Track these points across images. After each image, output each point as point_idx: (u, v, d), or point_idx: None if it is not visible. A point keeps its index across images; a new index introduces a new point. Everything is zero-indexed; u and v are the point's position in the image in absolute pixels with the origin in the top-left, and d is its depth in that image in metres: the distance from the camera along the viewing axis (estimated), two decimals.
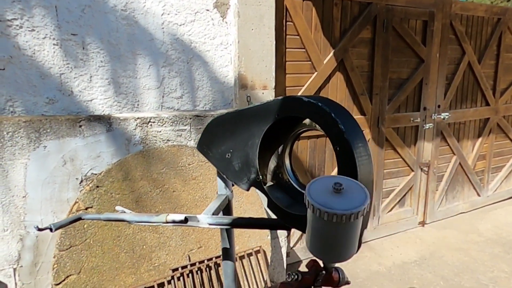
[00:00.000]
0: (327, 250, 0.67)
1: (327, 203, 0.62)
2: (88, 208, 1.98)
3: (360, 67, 3.32)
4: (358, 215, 0.61)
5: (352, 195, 0.65)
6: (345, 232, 0.63)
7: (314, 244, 0.68)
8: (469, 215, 4.39)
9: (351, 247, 0.66)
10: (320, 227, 0.65)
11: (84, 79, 2.21)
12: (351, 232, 0.64)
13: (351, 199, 0.63)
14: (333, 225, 0.62)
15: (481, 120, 4.34)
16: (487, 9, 4.10)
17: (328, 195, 0.64)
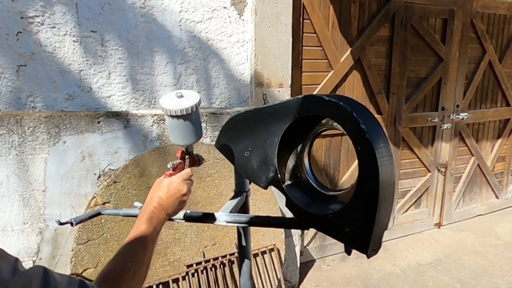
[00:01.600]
0: (179, 137, 0.98)
1: (172, 105, 0.93)
2: (105, 203, 2.01)
3: (378, 66, 3.28)
4: (187, 110, 0.92)
5: (189, 98, 0.94)
6: (186, 122, 0.95)
7: (172, 137, 0.99)
8: (487, 217, 4.30)
9: (194, 134, 0.99)
10: (172, 123, 0.95)
11: (102, 75, 2.24)
12: (190, 122, 0.95)
13: (187, 100, 0.94)
14: (177, 118, 0.93)
15: (501, 120, 4.24)
16: (510, 7, 4.00)
17: (174, 100, 0.94)
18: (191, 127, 0.96)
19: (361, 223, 0.81)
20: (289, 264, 2.82)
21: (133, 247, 0.80)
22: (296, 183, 1.01)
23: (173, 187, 0.93)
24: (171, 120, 0.94)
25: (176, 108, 0.91)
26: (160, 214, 0.90)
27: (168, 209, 0.92)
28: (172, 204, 0.93)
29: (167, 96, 0.95)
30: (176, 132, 0.96)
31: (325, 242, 3.33)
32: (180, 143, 0.99)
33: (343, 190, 0.95)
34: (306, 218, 0.94)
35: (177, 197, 0.94)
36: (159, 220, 0.90)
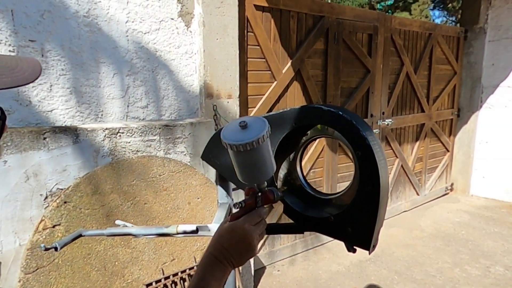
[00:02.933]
0: (250, 176, 0.80)
1: (236, 138, 0.74)
2: (55, 225, 1.85)
3: (315, 77, 3.48)
4: (259, 140, 0.73)
5: (255, 127, 0.77)
6: (256, 156, 0.76)
7: (241, 175, 0.80)
8: (411, 213, 4.76)
9: (267, 168, 0.80)
10: (239, 160, 0.77)
11: (43, 88, 2.07)
12: (261, 155, 0.77)
13: (253, 130, 0.75)
14: (245, 153, 0.75)
15: (418, 125, 4.75)
16: (420, 24, 4.53)
17: (237, 132, 0.76)
18: (262, 161, 0.78)
19: (364, 222, 0.89)
20: (244, 273, 2.84)
21: None
22: (290, 190, 1.05)
23: (237, 233, 0.77)
24: (240, 156, 0.76)
25: (241, 142, 0.73)
26: (221, 265, 0.76)
27: (232, 258, 0.77)
28: (237, 253, 0.77)
29: (229, 128, 0.79)
30: (245, 169, 0.79)
31: (274, 248, 3.42)
32: (252, 182, 0.81)
33: (336, 194, 1.02)
34: (305, 222, 0.99)
35: (243, 246, 0.77)
36: (222, 272, 0.76)
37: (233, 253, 0.77)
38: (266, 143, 0.77)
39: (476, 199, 5.28)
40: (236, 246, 0.77)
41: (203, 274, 0.74)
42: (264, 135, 0.74)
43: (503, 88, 4.98)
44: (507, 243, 3.86)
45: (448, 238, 3.99)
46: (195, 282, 0.73)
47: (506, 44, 4.88)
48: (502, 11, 4.89)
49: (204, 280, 0.73)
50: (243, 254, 0.78)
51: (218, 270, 0.75)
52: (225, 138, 0.76)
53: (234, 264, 0.78)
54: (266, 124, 0.76)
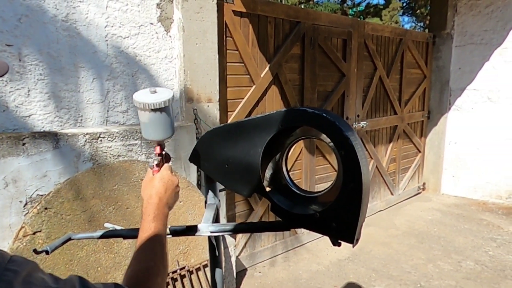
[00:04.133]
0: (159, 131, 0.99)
1: (144, 99, 0.95)
2: (36, 232, 1.83)
3: (293, 81, 3.56)
4: (162, 104, 0.94)
5: (162, 95, 0.96)
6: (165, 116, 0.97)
7: (150, 132, 1.00)
8: (386, 212, 4.91)
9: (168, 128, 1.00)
10: (149, 118, 0.96)
11: (21, 93, 2.04)
12: (165, 116, 0.97)
13: (163, 95, 0.96)
14: (157, 112, 0.95)
15: (391, 127, 4.92)
16: (392, 30, 4.71)
17: (148, 96, 0.96)
18: (168, 120, 0.98)
19: (347, 217, 0.94)
20: (227, 276, 2.86)
21: (151, 246, 0.81)
22: (277, 189, 1.10)
23: (166, 179, 0.96)
24: (151, 114, 0.95)
25: (156, 101, 0.93)
26: (164, 209, 0.91)
27: (168, 202, 0.94)
28: (171, 196, 0.96)
29: (141, 92, 0.97)
30: (155, 127, 0.98)
31: (255, 250, 3.45)
32: (159, 137, 1.00)
33: (320, 192, 1.07)
34: (291, 219, 1.04)
35: (173, 188, 0.97)
36: (164, 215, 0.91)
37: (168, 197, 0.95)
38: (168, 108, 0.98)
39: (447, 197, 5.50)
40: (169, 191, 0.95)
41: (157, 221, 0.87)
42: (171, 98, 0.96)
43: (469, 91, 5.23)
44: (476, 238, 4.04)
45: (421, 236, 4.14)
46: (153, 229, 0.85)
47: (472, 49, 5.14)
48: (467, 18, 5.14)
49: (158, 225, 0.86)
50: (174, 197, 0.98)
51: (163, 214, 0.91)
52: (140, 99, 0.94)
53: (170, 206, 0.96)
54: (171, 93, 0.99)
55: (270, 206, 1.06)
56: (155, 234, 0.83)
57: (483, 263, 3.50)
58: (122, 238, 1.40)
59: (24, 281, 0.50)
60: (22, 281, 0.50)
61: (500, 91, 4.99)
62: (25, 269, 0.52)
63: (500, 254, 3.68)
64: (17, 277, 0.50)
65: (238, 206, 3.28)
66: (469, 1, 5.09)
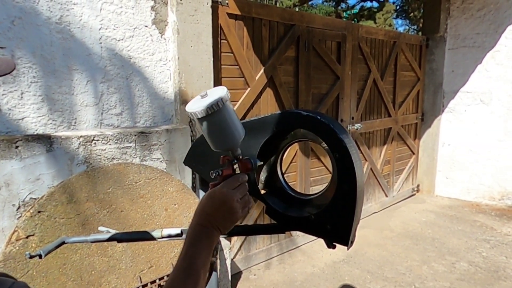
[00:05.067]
0: (220, 141, 0.84)
1: (197, 106, 0.81)
2: (29, 236, 1.81)
3: (287, 83, 3.57)
4: (218, 103, 0.79)
5: (214, 93, 0.83)
6: (221, 118, 0.82)
7: (212, 142, 0.85)
8: (381, 214, 4.93)
9: (235, 131, 0.85)
10: (206, 126, 0.82)
11: (14, 96, 2.03)
12: (226, 117, 0.82)
13: (213, 96, 0.82)
14: (210, 117, 0.80)
15: (385, 129, 4.94)
16: (386, 33, 4.74)
17: (199, 102, 0.83)
18: (227, 124, 0.82)
19: (342, 219, 0.95)
20: (221, 278, 2.85)
21: (183, 277, 0.73)
22: (271, 192, 1.10)
23: (216, 197, 0.81)
24: (204, 123, 0.81)
25: (201, 108, 0.78)
26: (208, 232, 0.79)
27: (217, 223, 0.80)
28: (221, 217, 0.80)
29: (192, 101, 0.85)
30: (213, 136, 0.83)
31: (250, 253, 3.45)
32: (222, 147, 0.85)
33: (315, 194, 1.08)
34: (286, 222, 1.04)
35: (224, 209, 0.80)
36: (209, 238, 0.79)
37: (216, 217, 0.79)
38: (228, 106, 0.82)
39: (441, 199, 5.53)
40: (218, 210, 0.80)
41: (192, 241, 0.76)
42: (223, 97, 0.80)
43: (462, 93, 5.28)
44: (470, 240, 4.07)
45: (416, 237, 4.16)
46: (185, 251, 0.75)
47: (464, 52, 5.18)
48: (459, 21, 5.19)
49: (193, 246, 0.75)
50: (226, 217, 0.81)
51: (205, 237, 0.77)
52: (189, 109, 0.81)
53: (220, 228, 0.81)
54: (224, 89, 0.84)
55: (265, 208, 1.06)
56: (190, 263, 0.73)
57: (477, 264, 3.52)
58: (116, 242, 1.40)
59: None
60: None
61: (492, 93, 5.04)
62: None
63: (493, 255, 3.70)
64: None
65: None
66: (462, 4, 5.14)
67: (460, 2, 5.15)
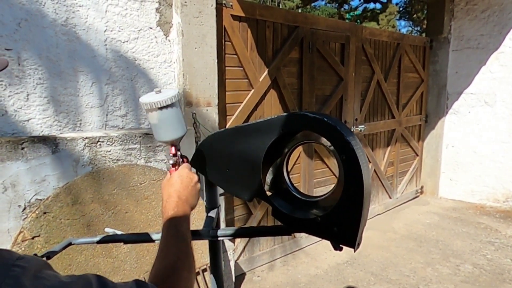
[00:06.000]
0: (169, 131, 0.98)
1: (150, 99, 0.95)
2: (35, 237, 1.82)
3: (291, 85, 3.57)
4: (168, 101, 0.94)
5: (167, 93, 0.96)
6: (173, 113, 0.97)
7: (160, 133, 0.99)
8: (384, 216, 4.92)
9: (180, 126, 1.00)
10: (158, 117, 0.96)
11: (20, 97, 2.04)
12: (173, 113, 0.97)
13: (164, 95, 0.96)
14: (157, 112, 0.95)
15: (389, 131, 4.93)
16: (389, 34, 4.73)
17: (153, 96, 0.97)
18: (177, 118, 0.98)
19: (349, 222, 0.94)
20: (225, 280, 2.85)
21: (173, 242, 0.79)
22: (277, 193, 1.10)
23: (184, 177, 0.94)
24: (159, 113, 0.95)
25: (162, 99, 0.93)
26: (184, 206, 0.89)
27: (188, 200, 0.92)
28: (191, 194, 0.93)
29: (147, 95, 0.98)
30: (166, 126, 0.97)
31: (254, 254, 3.45)
32: (171, 137, 0.99)
33: (321, 196, 1.07)
34: (293, 224, 1.04)
35: (192, 185, 0.95)
36: (185, 212, 0.88)
37: (188, 195, 0.93)
38: (176, 105, 0.97)
39: (445, 201, 5.51)
40: (188, 188, 0.94)
41: (171, 212, 0.86)
42: (177, 94, 0.97)
43: (466, 95, 5.26)
44: (474, 242, 4.05)
45: (420, 239, 4.14)
46: (168, 222, 0.84)
47: (468, 53, 5.17)
48: (463, 22, 5.18)
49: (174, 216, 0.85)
50: (195, 195, 0.95)
51: (182, 210, 0.88)
52: (143, 100, 0.96)
53: (192, 205, 0.94)
54: (176, 91, 0.99)
55: (271, 210, 1.06)
56: (176, 231, 0.82)
57: (481, 266, 3.50)
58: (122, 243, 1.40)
59: (35, 277, 0.49)
60: (32, 276, 0.49)
61: (496, 95, 5.02)
62: (35, 266, 0.51)
63: (498, 257, 3.69)
64: (25, 273, 0.49)
65: (237, 210, 3.28)
66: (466, 5, 5.13)
67: (464, 3, 5.14)
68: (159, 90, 0.97)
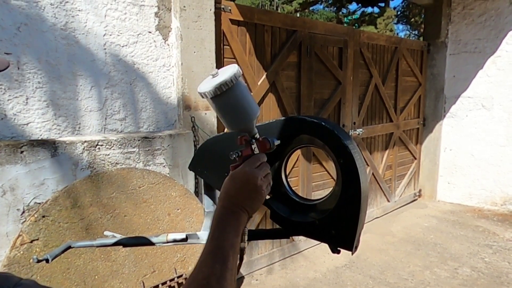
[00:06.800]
0: (236, 120, 0.83)
1: (206, 88, 0.79)
2: (33, 240, 1.82)
3: (289, 89, 3.58)
4: (231, 80, 0.77)
5: (225, 72, 0.80)
6: (234, 96, 0.80)
7: (227, 123, 0.84)
8: (382, 219, 4.92)
9: (250, 108, 0.83)
10: (219, 107, 0.81)
11: (19, 101, 2.05)
12: (238, 95, 0.80)
13: (224, 74, 0.79)
14: (223, 96, 0.79)
15: (387, 134, 4.95)
16: (387, 39, 4.76)
17: (210, 82, 0.80)
18: (240, 102, 0.81)
19: (347, 225, 0.96)
20: None
21: (209, 260, 0.70)
22: (276, 197, 1.11)
23: (239, 178, 0.79)
24: (217, 102, 0.80)
25: (212, 87, 0.77)
26: (234, 213, 0.76)
27: (242, 204, 0.77)
28: (246, 197, 0.78)
29: (204, 81, 0.83)
30: (228, 115, 0.82)
31: (252, 258, 3.45)
32: (238, 126, 0.83)
33: (319, 199, 1.08)
34: (291, 227, 1.05)
35: (248, 187, 0.78)
36: (236, 220, 0.76)
37: (241, 198, 0.77)
38: (240, 83, 0.80)
39: (443, 204, 5.52)
40: (242, 190, 0.78)
41: (217, 224, 0.74)
42: (236, 73, 0.78)
43: (464, 99, 5.29)
44: (472, 245, 4.06)
45: (418, 242, 4.15)
46: (211, 235, 0.73)
47: (465, 57, 5.20)
48: (460, 27, 5.21)
49: (219, 229, 0.73)
50: (252, 197, 0.79)
51: (232, 219, 0.75)
52: (201, 89, 0.80)
53: (247, 209, 0.78)
54: (235, 66, 0.81)
55: (270, 213, 1.07)
56: (216, 247, 0.71)
57: (479, 269, 3.51)
58: (121, 246, 1.40)
59: None
60: None
61: (494, 98, 5.05)
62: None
63: (496, 260, 3.70)
64: None
65: None
66: (463, 10, 5.17)
67: (461, 8, 5.18)
68: (216, 73, 0.81)
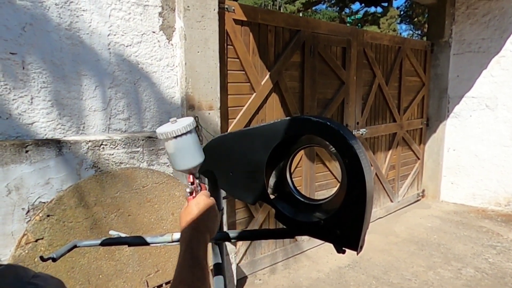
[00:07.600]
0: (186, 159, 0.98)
1: (165, 130, 0.95)
2: (38, 239, 1.83)
3: (293, 88, 3.58)
4: (183, 129, 0.94)
5: (182, 123, 0.96)
6: (183, 143, 0.96)
7: (177, 162, 0.98)
8: (385, 219, 4.91)
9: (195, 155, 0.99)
10: (169, 147, 0.97)
11: (24, 101, 2.06)
12: (188, 142, 0.96)
13: (180, 124, 0.95)
14: (173, 141, 0.95)
15: (390, 134, 4.94)
16: (390, 38, 4.75)
17: (168, 126, 0.97)
18: (194, 146, 0.97)
19: (352, 225, 0.95)
20: (227, 283, 2.85)
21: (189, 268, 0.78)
22: (280, 197, 1.11)
23: (202, 205, 0.92)
24: (174, 142, 0.94)
25: (177, 128, 0.93)
26: (202, 234, 0.87)
27: (206, 227, 0.90)
28: (209, 221, 0.92)
29: (163, 126, 0.98)
30: (182, 155, 0.96)
31: (255, 257, 3.45)
32: (189, 165, 0.98)
33: (324, 199, 1.08)
34: (296, 227, 1.05)
35: (210, 212, 0.93)
36: (204, 239, 0.87)
37: (206, 221, 0.91)
38: (192, 133, 0.97)
39: (446, 204, 5.51)
40: (206, 215, 0.92)
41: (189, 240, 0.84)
42: (191, 123, 0.96)
43: (467, 99, 5.27)
44: (476, 246, 4.05)
45: (421, 243, 4.14)
46: (183, 249, 0.82)
47: (469, 57, 5.19)
48: (464, 26, 5.19)
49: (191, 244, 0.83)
50: (213, 220, 0.94)
51: (201, 237, 0.86)
52: (159, 131, 0.96)
53: (211, 231, 0.92)
54: (191, 119, 0.98)
55: (274, 213, 1.07)
56: (191, 257, 0.80)
57: (483, 270, 3.50)
58: (125, 246, 1.41)
59: None
60: None
61: (498, 98, 5.03)
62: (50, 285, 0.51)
63: (500, 261, 3.68)
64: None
65: (239, 213, 3.29)
66: (467, 9, 5.15)
67: (465, 7, 5.16)
68: (174, 120, 0.98)
